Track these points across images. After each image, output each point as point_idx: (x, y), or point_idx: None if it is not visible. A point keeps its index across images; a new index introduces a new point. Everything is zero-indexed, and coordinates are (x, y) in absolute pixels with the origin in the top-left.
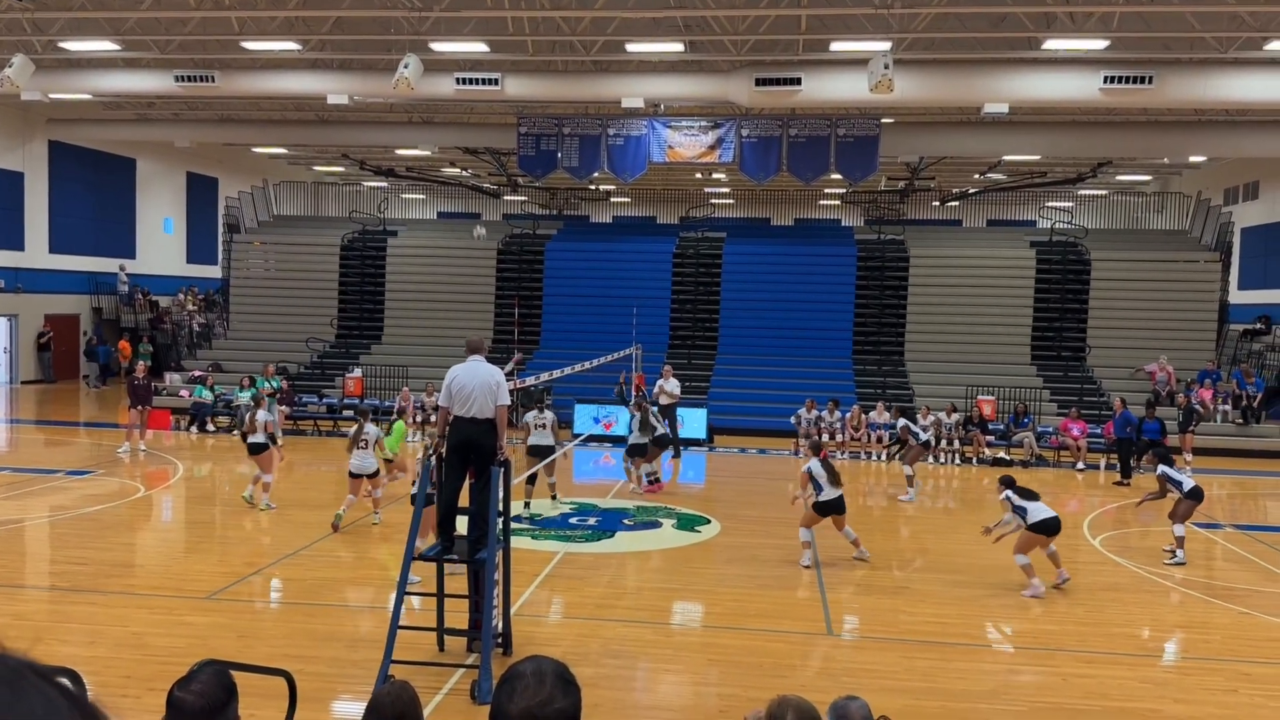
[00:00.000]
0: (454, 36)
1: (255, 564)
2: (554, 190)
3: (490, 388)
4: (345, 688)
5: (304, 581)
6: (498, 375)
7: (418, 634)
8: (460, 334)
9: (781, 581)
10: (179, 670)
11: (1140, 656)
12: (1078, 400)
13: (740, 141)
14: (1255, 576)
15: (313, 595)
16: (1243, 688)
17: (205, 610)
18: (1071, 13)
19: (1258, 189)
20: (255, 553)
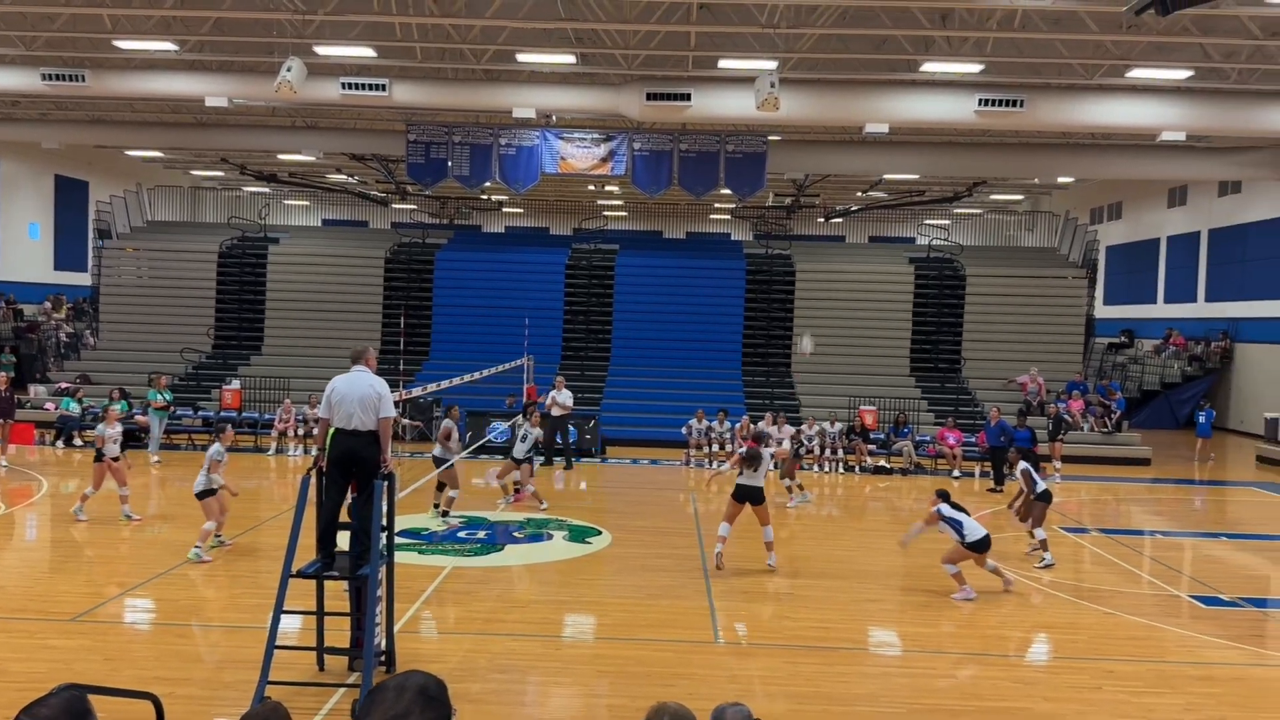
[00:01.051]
0: (339, 41)
1: (124, 584)
2: (445, 199)
3: (370, 399)
4: (219, 710)
5: (176, 601)
6: (379, 386)
7: (297, 653)
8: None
9: (671, 591)
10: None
11: (1012, 657)
12: (954, 410)
13: (632, 155)
14: (1119, 578)
15: (186, 615)
16: (1106, 685)
17: (70, 633)
18: (948, 37)
19: (1121, 209)
20: (124, 572)
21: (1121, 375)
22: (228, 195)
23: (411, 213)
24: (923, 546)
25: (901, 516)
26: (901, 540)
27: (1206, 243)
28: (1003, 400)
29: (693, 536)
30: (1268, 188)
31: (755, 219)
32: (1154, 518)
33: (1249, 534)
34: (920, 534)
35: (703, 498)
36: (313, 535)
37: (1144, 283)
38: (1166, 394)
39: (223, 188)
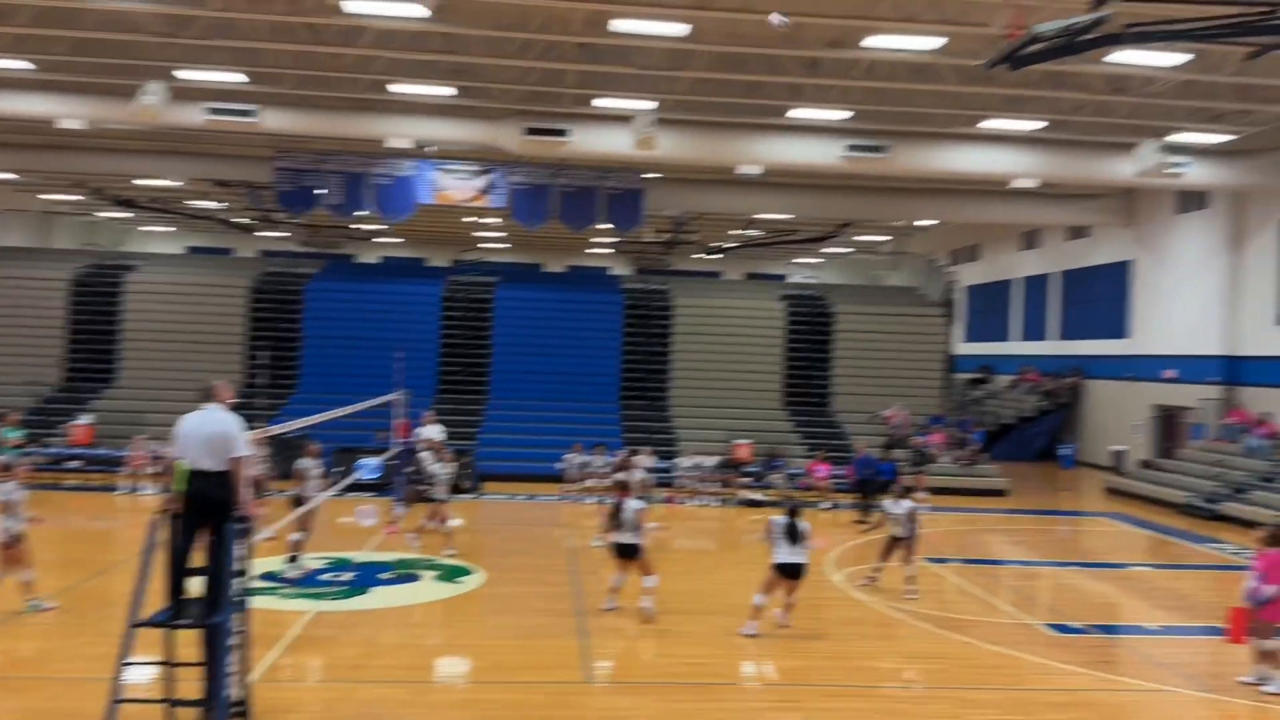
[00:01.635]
0: (207, 65)
1: None
2: (316, 227)
3: (218, 438)
4: None
5: (13, 653)
6: (229, 425)
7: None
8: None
9: (545, 630)
10: None
11: (878, 688)
12: (823, 443)
13: (511, 188)
14: (979, 607)
15: (23, 669)
16: (966, 714)
17: None
18: (816, 84)
19: (978, 251)
20: None
21: (979, 410)
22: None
23: (280, 241)
24: None
25: None
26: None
27: (1057, 284)
28: (870, 433)
29: (564, 573)
30: (1113, 233)
31: (635, 254)
32: (1011, 547)
33: (1099, 563)
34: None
35: (579, 533)
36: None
37: (1000, 321)
38: (1021, 427)
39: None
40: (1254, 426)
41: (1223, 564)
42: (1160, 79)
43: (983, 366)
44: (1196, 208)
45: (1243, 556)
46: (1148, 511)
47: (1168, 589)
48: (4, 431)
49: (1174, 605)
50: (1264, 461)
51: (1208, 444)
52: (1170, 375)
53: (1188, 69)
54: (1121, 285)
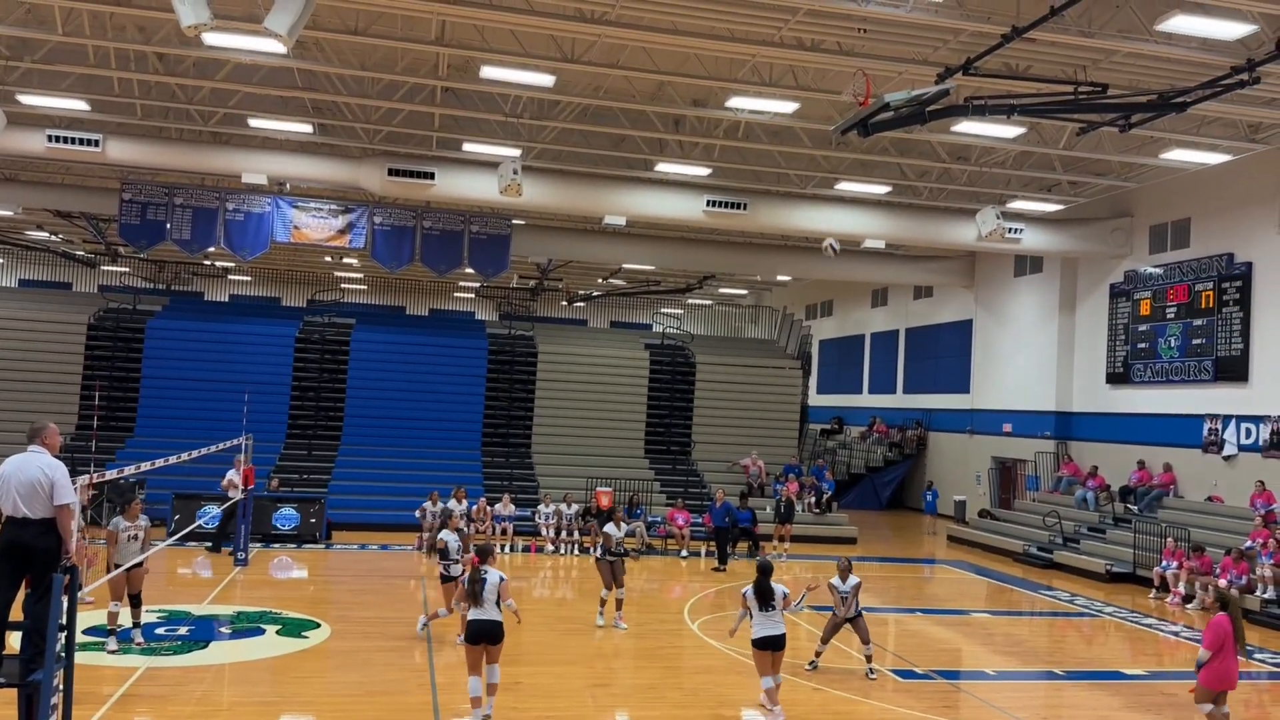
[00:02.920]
0: (49, 90)
1: None
2: (161, 263)
3: (39, 483)
4: None
5: None
6: (52, 470)
7: None
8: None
9: (393, 686)
10: None
11: None
12: (684, 491)
13: (373, 228)
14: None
15: None
16: None
17: None
18: (680, 141)
19: (832, 307)
20: None
21: (831, 459)
22: None
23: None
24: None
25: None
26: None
27: (904, 340)
28: (727, 482)
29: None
30: (955, 293)
31: (500, 299)
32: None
33: (941, 609)
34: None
35: (433, 584)
36: None
37: (852, 374)
38: (871, 477)
39: None
40: (1085, 479)
41: (1057, 610)
42: (999, 150)
43: (835, 418)
44: (1032, 271)
45: (1076, 604)
46: (987, 559)
47: (1005, 634)
48: None
49: (1011, 650)
50: (1094, 512)
51: (1042, 495)
52: (1007, 430)
53: (1024, 141)
54: (964, 343)
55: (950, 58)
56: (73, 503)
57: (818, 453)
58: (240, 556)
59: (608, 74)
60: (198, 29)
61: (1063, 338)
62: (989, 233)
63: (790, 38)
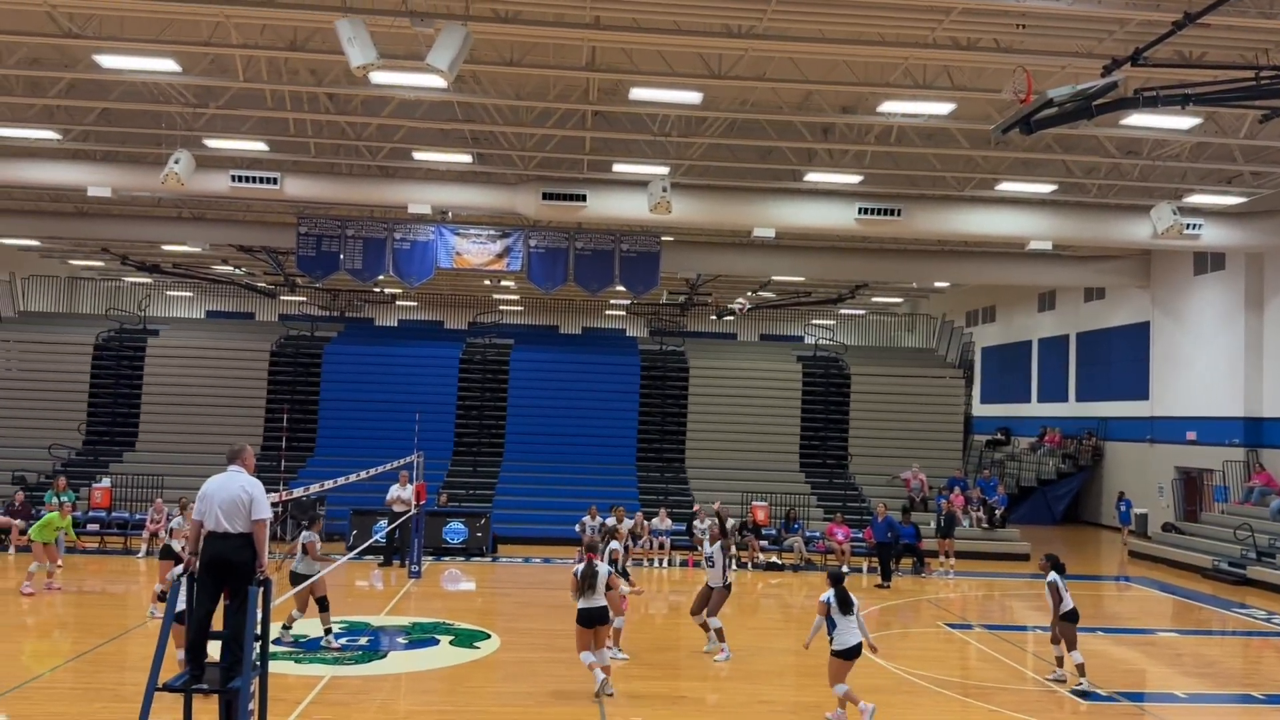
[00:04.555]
0: (231, 134)
1: None
2: (336, 291)
3: (240, 500)
4: None
5: (29, 718)
6: (251, 487)
7: None
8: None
9: (561, 698)
10: None
11: None
12: (842, 506)
13: (528, 251)
14: (1004, 674)
15: None
16: None
17: None
18: (830, 149)
19: (994, 313)
20: None
21: (999, 471)
22: (107, 286)
23: (300, 305)
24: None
25: (793, 613)
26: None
27: (1075, 345)
28: (888, 496)
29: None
30: (1129, 294)
31: (650, 315)
32: (1035, 612)
33: (1123, 628)
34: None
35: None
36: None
37: (1018, 383)
38: (1043, 489)
39: (102, 278)
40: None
41: (1252, 630)
42: (1173, 142)
43: (1001, 428)
44: (1214, 269)
45: (1273, 622)
46: (1172, 575)
47: (1195, 655)
48: (48, 496)
49: (1203, 672)
50: None
51: (1232, 507)
52: (1191, 438)
53: (1200, 132)
54: (1140, 346)
55: (1116, 49)
56: (269, 518)
57: (983, 465)
58: (414, 569)
59: (755, 87)
60: (366, 69)
61: (1250, 338)
62: (1165, 230)
63: (944, 38)
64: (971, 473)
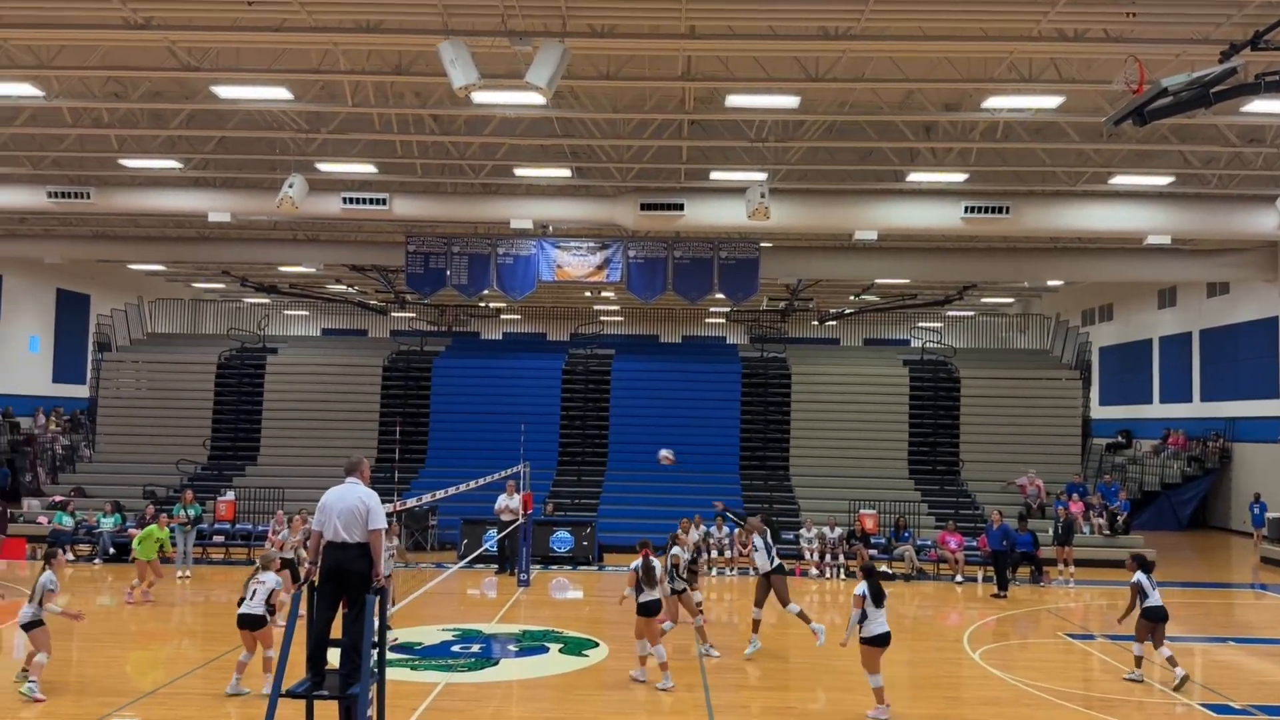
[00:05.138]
0: (341, 158)
1: (112, 704)
2: (443, 307)
3: (358, 511)
4: None
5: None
6: (369, 498)
7: None
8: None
9: (671, 706)
10: None
11: None
12: (954, 514)
13: (627, 262)
14: (1129, 686)
15: None
16: None
17: None
18: (933, 148)
19: (1112, 311)
20: (112, 691)
21: (1121, 476)
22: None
23: (410, 321)
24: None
25: (905, 623)
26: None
27: (1198, 343)
28: (1003, 503)
29: (690, 648)
30: (1255, 288)
31: (750, 322)
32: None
33: (1257, 638)
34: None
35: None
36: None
37: (1139, 383)
38: (1167, 494)
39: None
40: None
41: None
42: None
43: (1122, 431)
44: None
45: None
46: None
47: None
48: (176, 509)
49: None
50: None
51: None
52: None
53: None
54: (1269, 342)
55: (1234, 33)
56: (385, 528)
57: (1103, 469)
58: (522, 578)
59: (853, 88)
60: (468, 89)
61: None
62: None
63: (1050, 30)
64: (1091, 478)
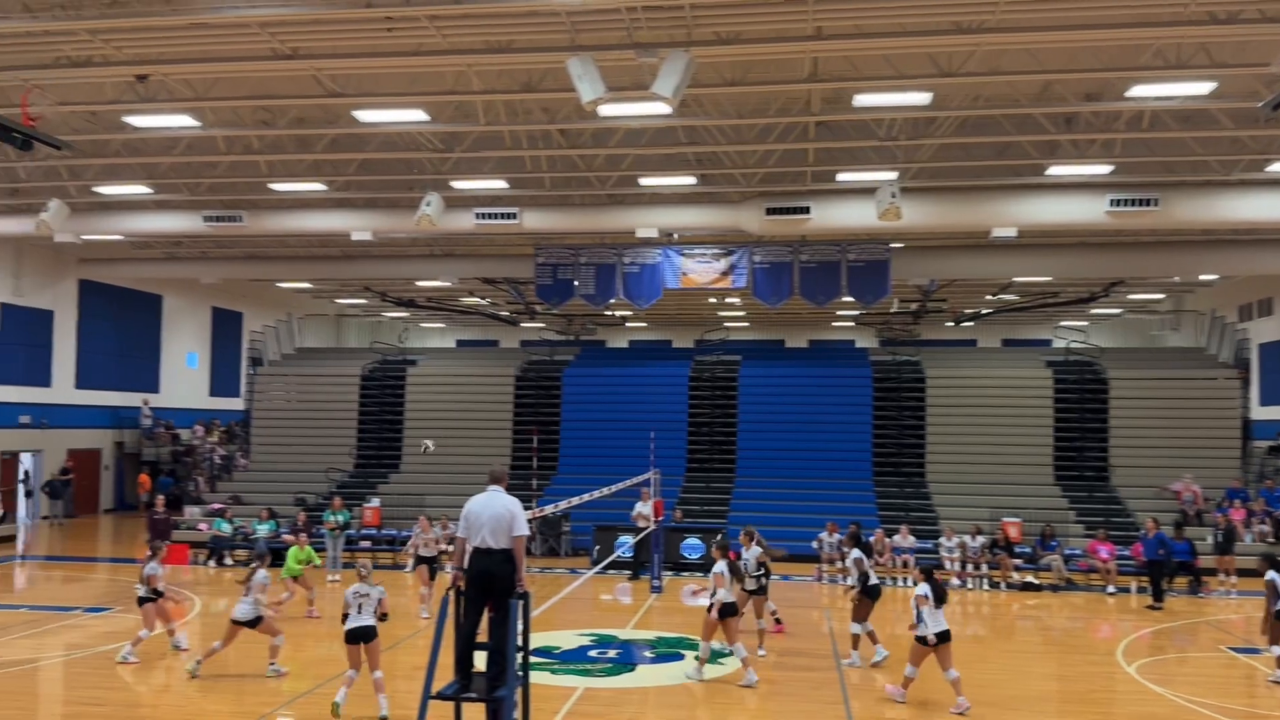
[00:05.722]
0: (474, 175)
1: (271, 703)
2: (571, 316)
3: (503, 518)
4: None
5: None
6: (513, 505)
7: None
8: (478, 462)
9: (808, 716)
10: None
11: None
12: (1104, 521)
13: (753, 267)
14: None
15: None
16: None
17: None
18: (1074, 140)
19: (1271, 305)
20: (271, 691)
21: None
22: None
23: (539, 331)
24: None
25: (1053, 636)
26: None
27: None
28: (1158, 510)
29: (829, 658)
30: None
31: (880, 325)
32: None
33: None
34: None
35: (838, 616)
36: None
37: None
38: None
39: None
40: None
41: None
42: None
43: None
44: None
45: None
46: None
47: None
48: (327, 514)
49: None
50: None
51: None
52: None
53: None
54: None
55: None
56: (527, 534)
57: (1265, 473)
58: (655, 584)
59: (988, 82)
60: (596, 103)
61: None
62: None
63: (1200, 13)
64: (1253, 482)
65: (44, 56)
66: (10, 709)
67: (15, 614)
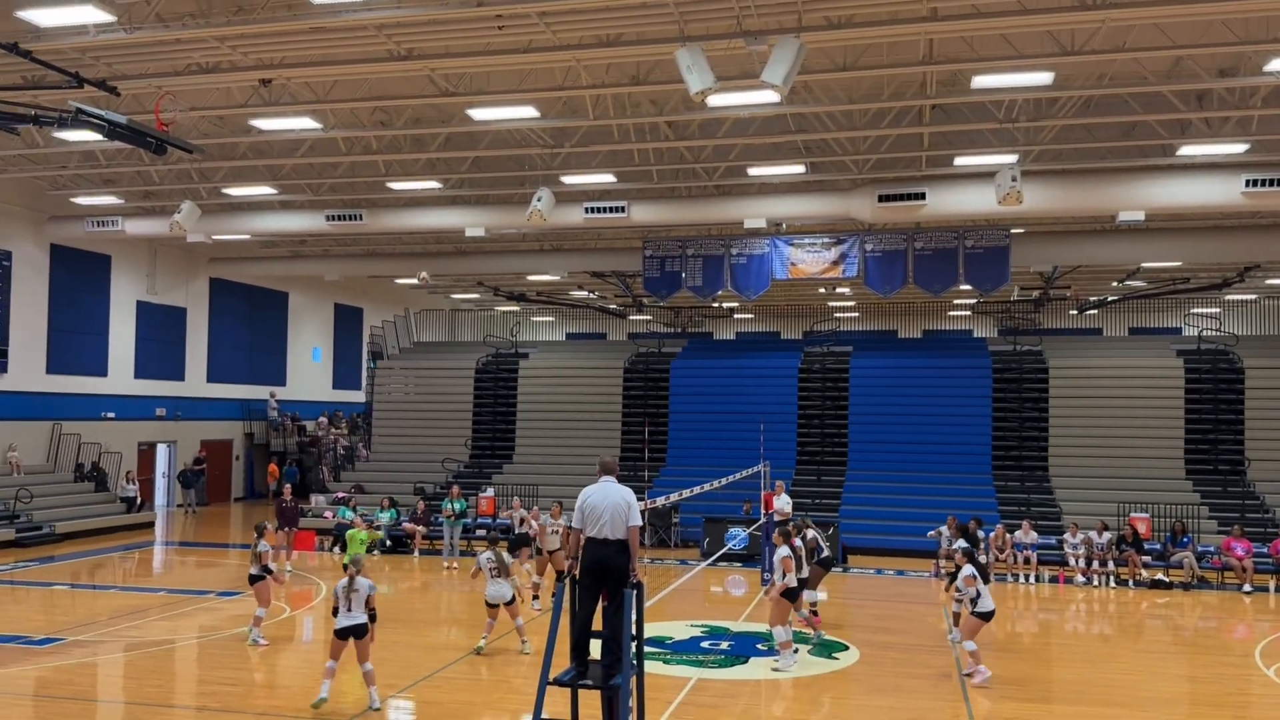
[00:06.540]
0: (583, 170)
1: (394, 685)
2: (678, 309)
3: (621, 509)
4: None
5: (441, 705)
6: (629, 496)
7: None
8: (589, 453)
9: (926, 714)
10: None
11: None
12: (1240, 517)
13: (864, 256)
14: None
15: (449, 718)
16: None
17: None
18: (1207, 118)
19: None
20: (394, 674)
21: None
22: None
23: (647, 323)
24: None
25: (1185, 636)
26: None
27: None
28: None
29: (948, 655)
30: None
31: (999, 314)
32: None
33: None
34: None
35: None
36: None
37: None
38: None
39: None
40: None
41: None
42: None
43: None
44: None
45: None
46: None
47: None
48: (445, 503)
49: None
50: None
51: None
52: None
53: None
54: None
55: None
56: (640, 524)
57: None
58: (766, 577)
59: (1113, 59)
60: (704, 93)
61: None
62: None
63: None
64: None
65: (175, 64)
66: (150, 687)
67: (154, 596)
